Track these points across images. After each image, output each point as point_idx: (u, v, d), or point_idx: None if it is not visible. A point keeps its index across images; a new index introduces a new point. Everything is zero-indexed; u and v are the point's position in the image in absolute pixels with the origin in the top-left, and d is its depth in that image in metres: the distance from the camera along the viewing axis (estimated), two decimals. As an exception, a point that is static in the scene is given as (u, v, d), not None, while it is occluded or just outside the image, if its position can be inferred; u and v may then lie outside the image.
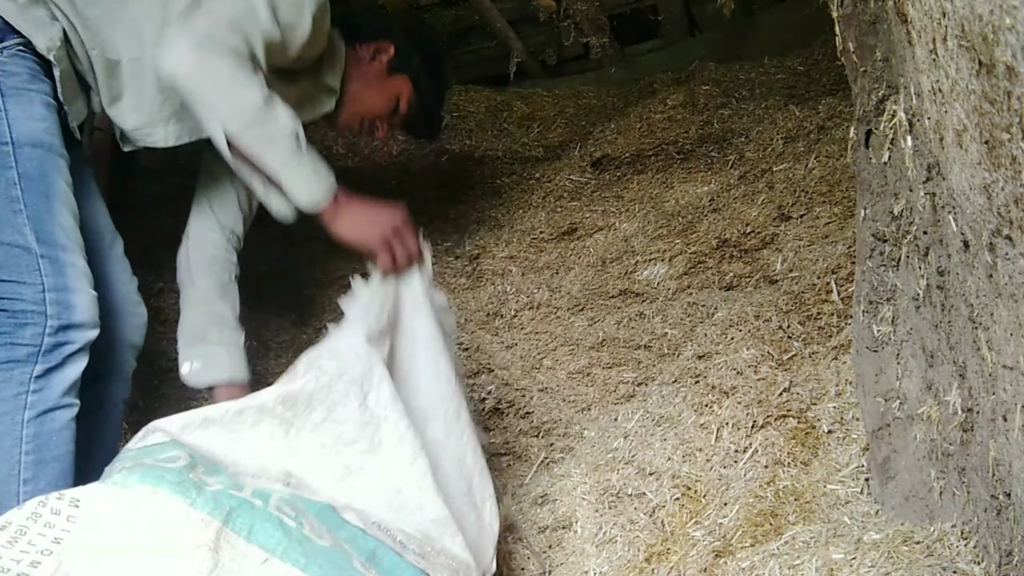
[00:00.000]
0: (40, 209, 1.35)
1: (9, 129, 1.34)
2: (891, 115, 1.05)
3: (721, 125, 2.33)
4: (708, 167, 2.22)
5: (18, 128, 1.35)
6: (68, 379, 1.34)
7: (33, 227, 1.34)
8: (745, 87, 2.47)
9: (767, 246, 1.92)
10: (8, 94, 1.35)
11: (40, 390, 1.32)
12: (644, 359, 1.79)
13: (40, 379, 1.32)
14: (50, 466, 1.32)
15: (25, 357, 1.31)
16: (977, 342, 0.86)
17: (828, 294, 1.66)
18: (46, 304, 1.32)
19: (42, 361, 1.32)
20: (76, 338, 1.35)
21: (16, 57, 1.38)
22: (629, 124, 2.46)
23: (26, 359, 1.31)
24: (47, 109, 1.40)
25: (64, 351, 1.33)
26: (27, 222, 1.34)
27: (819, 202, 1.91)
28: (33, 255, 1.33)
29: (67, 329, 1.34)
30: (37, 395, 1.32)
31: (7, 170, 1.34)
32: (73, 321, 1.34)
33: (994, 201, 0.72)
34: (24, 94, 1.37)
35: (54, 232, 1.35)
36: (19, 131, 1.35)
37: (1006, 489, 0.85)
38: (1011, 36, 0.60)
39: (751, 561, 1.15)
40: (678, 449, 1.47)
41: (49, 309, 1.32)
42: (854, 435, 1.36)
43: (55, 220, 1.36)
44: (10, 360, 1.32)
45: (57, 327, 1.33)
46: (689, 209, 2.12)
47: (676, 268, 1.99)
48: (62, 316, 1.33)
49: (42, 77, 1.41)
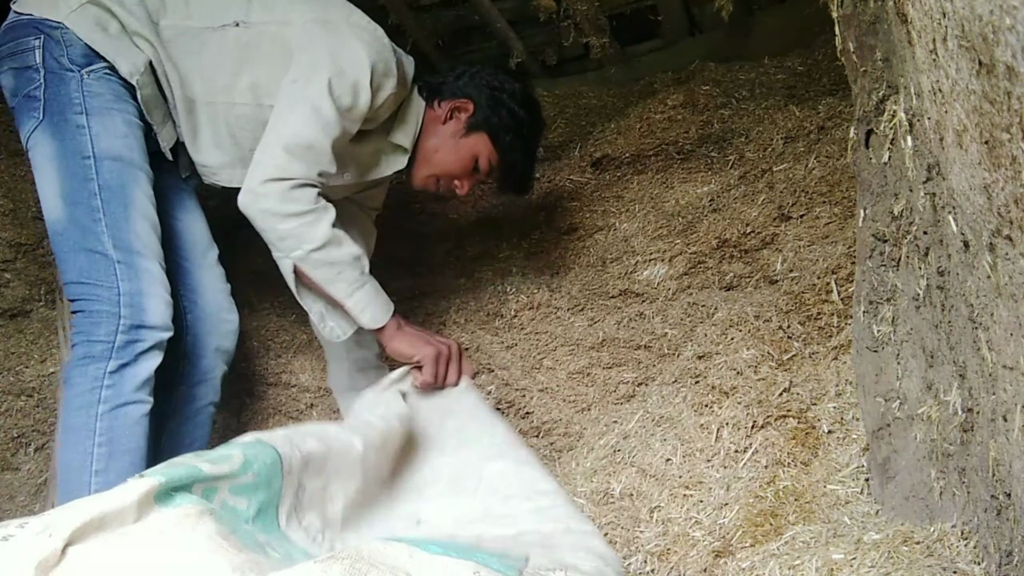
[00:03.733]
0: (118, 218, 1.46)
1: (92, 144, 1.46)
2: (891, 115, 1.05)
3: (721, 125, 2.33)
4: (708, 167, 2.22)
5: (100, 143, 1.47)
6: (140, 376, 1.44)
7: (111, 234, 1.45)
8: (745, 87, 2.47)
9: (767, 246, 1.92)
10: (92, 112, 1.48)
11: (113, 385, 1.41)
12: (644, 359, 1.79)
13: (114, 375, 1.41)
14: (121, 459, 1.40)
15: (100, 353, 1.42)
16: (977, 342, 0.86)
17: (828, 294, 1.66)
18: (120, 306, 1.43)
19: (116, 357, 1.42)
20: (148, 337, 1.44)
21: (102, 80, 1.50)
22: (629, 124, 2.46)
23: (100, 355, 1.42)
24: (128, 127, 1.51)
25: (136, 348, 1.43)
26: (105, 230, 1.45)
27: (819, 202, 1.91)
28: (110, 261, 1.44)
29: (139, 328, 1.43)
30: (111, 390, 1.41)
31: (88, 182, 1.46)
32: (145, 323, 1.44)
33: (994, 201, 0.72)
34: (107, 113, 1.49)
35: (130, 240, 1.46)
36: (100, 146, 1.47)
37: (1006, 489, 0.85)
38: (1011, 36, 0.60)
39: (751, 561, 1.15)
40: (678, 449, 1.47)
41: (123, 311, 1.43)
42: (854, 435, 1.36)
43: (132, 228, 1.47)
44: (87, 356, 1.42)
45: (130, 326, 1.42)
46: (689, 209, 2.12)
47: (676, 268, 1.99)
48: (133, 317, 1.43)
49: (127, 98, 1.52)
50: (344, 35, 1.51)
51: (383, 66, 1.52)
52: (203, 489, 0.93)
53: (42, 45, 1.48)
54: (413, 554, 0.82)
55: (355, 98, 1.50)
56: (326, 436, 1.14)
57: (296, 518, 1.06)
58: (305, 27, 1.52)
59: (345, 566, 0.76)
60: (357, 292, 1.49)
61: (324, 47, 1.49)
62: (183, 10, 1.54)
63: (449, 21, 2.76)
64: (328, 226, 1.46)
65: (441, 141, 1.67)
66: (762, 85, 2.45)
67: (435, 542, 0.90)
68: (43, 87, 1.47)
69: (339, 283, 1.49)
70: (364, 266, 1.51)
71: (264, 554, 0.88)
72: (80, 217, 1.45)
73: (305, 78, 1.48)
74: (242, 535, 0.88)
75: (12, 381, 1.97)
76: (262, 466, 1.00)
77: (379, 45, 1.53)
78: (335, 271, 1.48)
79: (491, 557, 0.93)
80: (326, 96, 1.46)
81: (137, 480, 0.86)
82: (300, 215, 1.45)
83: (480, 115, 1.66)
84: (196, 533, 0.82)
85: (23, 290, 2.08)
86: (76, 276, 1.45)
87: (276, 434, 1.07)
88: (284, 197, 1.44)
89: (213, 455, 0.97)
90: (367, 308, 1.50)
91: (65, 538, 0.77)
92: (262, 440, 1.04)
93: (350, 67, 1.48)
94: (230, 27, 1.52)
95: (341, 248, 1.48)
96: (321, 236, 1.45)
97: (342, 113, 1.49)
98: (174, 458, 0.96)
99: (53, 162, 1.47)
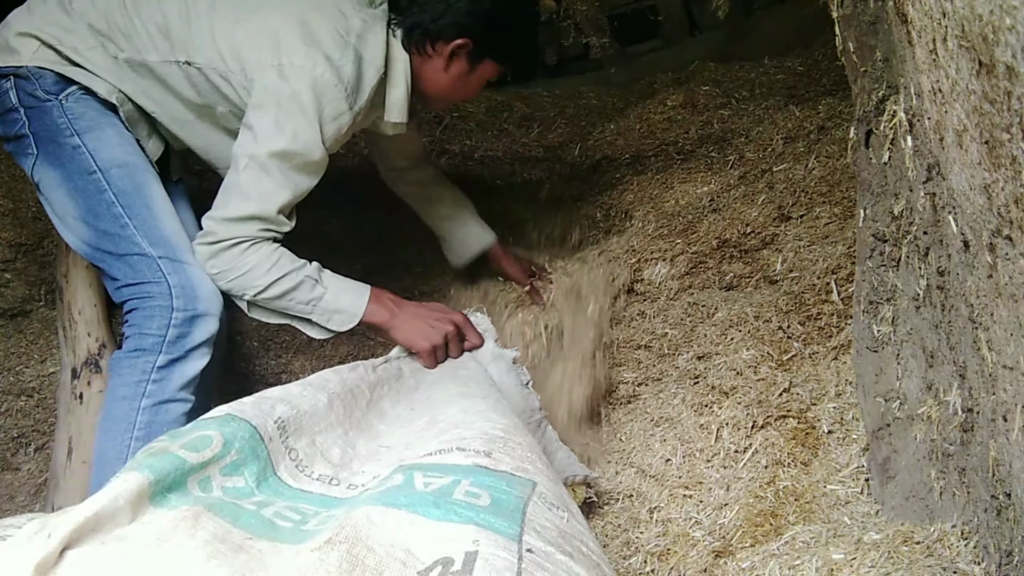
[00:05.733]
0: (145, 217, 1.48)
1: (93, 159, 1.47)
2: (891, 115, 1.05)
3: (721, 125, 2.33)
4: (708, 167, 2.22)
5: (100, 156, 1.47)
6: (188, 374, 1.45)
7: (144, 235, 1.47)
8: (745, 87, 2.47)
9: (767, 246, 1.92)
10: (82, 132, 1.48)
11: (160, 380, 1.43)
12: (644, 359, 1.79)
13: (162, 370, 1.43)
14: None
15: (151, 347, 1.43)
16: (977, 342, 0.86)
17: (828, 294, 1.66)
18: (172, 298, 1.44)
19: (166, 352, 1.43)
20: (199, 331, 1.45)
21: (80, 100, 1.50)
22: (629, 124, 2.46)
23: (151, 348, 1.43)
24: (121, 137, 1.51)
25: (187, 344, 1.45)
26: (136, 232, 1.46)
27: (819, 202, 1.91)
28: (152, 259, 1.45)
29: (192, 320, 1.45)
30: (157, 385, 1.43)
31: (103, 193, 1.47)
32: (199, 311, 1.45)
33: (994, 201, 0.72)
34: (97, 128, 1.49)
35: (166, 236, 1.48)
36: (102, 158, 1.47)
37: (1006, 489, 0.85)
38: (1011, 36, 0.60)
39: (751, 561, 1.15)
40: (678, 449, 1.47)
41: (175, 303, 1.44)
42: (854, 435, 1.36)
43: (161, 226, 1.48)
44: (137, 349, 1.44)
45: (183, 319, 1.44)
46: (689, 209, 2.12)
47: (677, 268, 1.99)
48: (188, 307, 1.44)
49: (110, 113, 1.52)
50: (284, 92, 1.42)
51: (330, 113, 1.45)
52: (198, 482, 0.93)
53: (13, 86, 1.47)
54: (413, 521, 0.81)
55: (307, 156, 1.46)
56: (291, 398, 1.15)
57: (304, 473, 1.07)
58: (246, 75, 1.46)
59: (342, 552, 0.76)
60: (315, 309, 1.50)
61: (267, 110, 1.43)
62: (135, 43, 1.49)
63: (449, 21, 2.76)
64: (263, 273, 1.45)
65: (451, 83, 1.59)
66: (762, 85, 2.45)
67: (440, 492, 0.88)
68: (27, 123, 1.47)
69: (294, 308, 1.50)
70: (316, 278, 1.49)
71: (273, 531, 0.88)
72: (108, 227, 1.46)
73: (250, 146, 1.44)
74: (246, 522, 0.88)
75: (12, 381, 1.97)
76: (243, 442, 1.01)
77: (322, 89, 1.43)
78: (284, 301, 1.48)
79: (499, 482, 0.91)
80: (274, 162, 1.44)
81: (125, 476, 0.86)
82: (225, 272, 1.46)
83: (481, 46, 1.56)
84: (194, 539, 0.81)
85: (23, 290, 2.08)
86: (124, 279, 1.46)
87: (245, 404, 1.08)
88: (211, 261, 1.45)
89: (191, 440, 0.97)
90: (332, 318, 1.51)
91: (63, 539, 0.77)
92: (233, 415, 1.04)
93: (294, 132, 1.43)
94: (184, 64, 1.48)
95: (283, 281, 1.46)
96: (257, 285, 1.46)
97: (296, 169, 1.46)
98: (150, 444, 0.96)
99: (62, 187, 1.48)
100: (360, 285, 1.54)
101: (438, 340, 1.50)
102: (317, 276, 1.50)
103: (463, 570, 0.74)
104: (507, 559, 0.77)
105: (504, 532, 0.82)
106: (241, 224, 1.44)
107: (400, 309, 1.53)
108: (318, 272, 1.51)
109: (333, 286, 1.51)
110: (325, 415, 1.17)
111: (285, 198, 1.46)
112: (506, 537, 0.81)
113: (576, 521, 0.96)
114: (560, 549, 0.84)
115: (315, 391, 1.19)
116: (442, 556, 0.76)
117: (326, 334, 1.55)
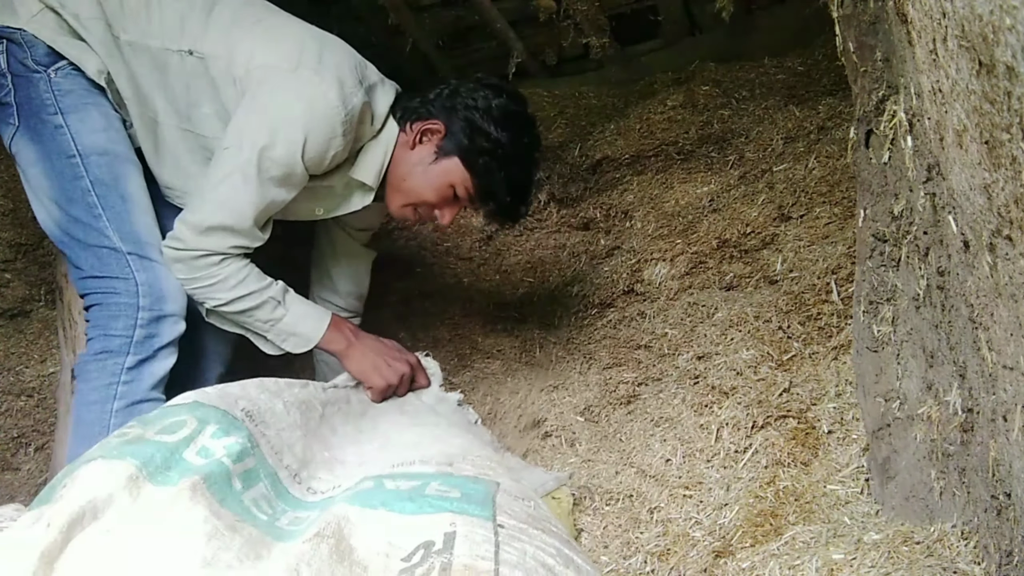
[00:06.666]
0: (119, 211, 1.45)
1: (74, 142, 1.45)
2: (891, 115, 1.05)
3: (721, 125, 2.33)
4: (708, 167, 2.22)
5: (82, 140, 1.45)
6: (158, 374, 1.44)
7: (115, 228, 1.44)
8: (745, 87, 2.47)
9: (767, 246, 1.92)
10: (67, 110, 1.45)
11: (131, 382, 1.42)
12: (644, 359, 1.79)
13: (132, 371, 1.42)
14: None
15: (118, 348, 1.42)
16: (977, 342, 0.86)
17: (828, 294, 1.66)
18: (139, 296, 1.43)
19: (134, 352, 1.42)
20: (166, 331, 1.44)
21: (69, 76, 1.47)
22: (629, 124, 2.46)
23: (119, 350, 1.42)
24: (107, 120, 1.49)
25: (154, 343, 1.43)
26: (108, 224, 1.44)
27: (819, 202, 1.91)
28: (121, 254, 1.43)
29: (159, 320, 1.44)
30: (127, 386, 1.42)
31: (80, 179, 1.44)
32: (165, 311, 1.44)
33: (994, 201, 0.72)
34: (82, 108, 1.47)
35: (136, 231, 1.46)
36: (83, 143, 1.45)
37: (1006, 489, 0.85)
38: (1011, 36, 0.60)
39: (751, 561, 1.15)
40: (678, 449, 1.47)
41: (142, 301, 1.43)
42: (854, 435, 1.36)
43: (134, 221, 1.46)
44: (104, 351, 1.42)
45: (149, 319, 1.43)
46: (689, 209, 2.12)
47: (677, 268, 1.99)
48: (154, 307, 1.43)
49: (98, 93, 1.49)
50: (285, 95, 1.40)
51: (322, 132, 1.41)
52: (197, 451, 0.96)
53: (5, 50, 1.45)
54: (390, 518, 0.86)
55: (289, 168, 1.42)
56: (249, 396, 1.16)
57: (278, 456, 1.10)
58: (250, 75, 1.43)
59: (331, 544, 0.80)
60: (272, 329, 1.50)
61: (261, 111, 1.41)
62: (143, 27, 1.47)
63: (449, 21, 2.76)
64: (228, 288, 1.45)
65: (410, 168, 1.52)
66: (762, 85, 2.45)
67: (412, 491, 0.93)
68: (13, 92, 1.46)
69: (252, 325, 1.50)
70: (279, 299, 1.49)
71: (253, 519, 0.92)
72: (79, 215, 1.44)
73: (237, 145, 1.41)
74: (231, 505, 0.91)
75: (12, 381, 1.98)
76: (218, 420, 1.03)
77: (323, 105, 1.39)
78: (244, 317, 1.48)
79: (466, 483, 0.97)
80: (254, 168, 1.40)
81: (110, 466, 0.87)
82: (190, 280, 1.45)
83: (451, 138, 1.49)
84: (192, 516, 0.84)
85: (23, 290, 2.08)
86: (89, 271, 1.44)
87: (209, 393, 1.10)
88: (178, 266, 1.44)
89: (165, 425, 0.99)
90: (287, 339, 1.52)
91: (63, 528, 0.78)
92: (200, 402, 1.06)
93: (282, 139, 1.39)
94: (185, 54, 1.46)
95: (246, 299, 1.46)
96: (220, 298, 1.45)
97: (275, 181, 1.43)
98: (123, 430, 0.98)
99: (39, 165, 1.45)
100: (322, 311, 1.55)
101: (393, 380, 1.51)
102: (281, 298, 1.49)
103: (444, 548, 0.79)
104: (484, 534, 0.82)
105: (479, 515, 0.87)
106: (212, 236, 1.42)
107: (358, 340, 1.54)
108: (283, 294, 1.50)
109: (294, 310, 1.51)
110: (284, 416, 1.19)
111: (259, 210, 1.43)
112: (481, 519, 0.86)
113: (543, 510, 1.01)
114: (532, 526, 0.89)
115: (271, 396, 1.21)
116: (423, 540, 0.81)
117: (279, 351, 1.55)
